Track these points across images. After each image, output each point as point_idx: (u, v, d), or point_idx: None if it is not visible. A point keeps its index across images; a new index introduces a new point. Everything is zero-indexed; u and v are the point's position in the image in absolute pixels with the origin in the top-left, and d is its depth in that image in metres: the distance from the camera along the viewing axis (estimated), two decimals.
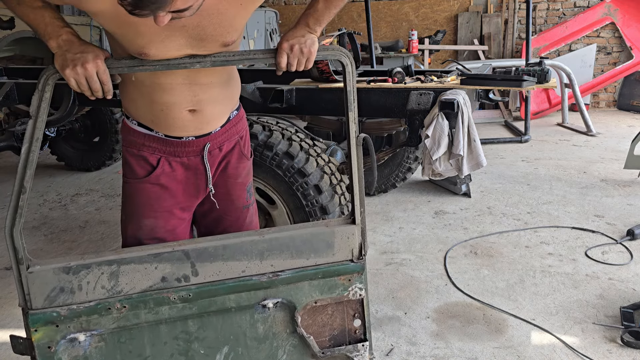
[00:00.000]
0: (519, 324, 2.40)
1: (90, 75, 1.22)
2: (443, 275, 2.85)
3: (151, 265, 1.29)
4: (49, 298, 1.26)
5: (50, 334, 1.25)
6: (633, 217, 3.52)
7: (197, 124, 1.48)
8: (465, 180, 3.95)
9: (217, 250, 1.32)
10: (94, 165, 4.99)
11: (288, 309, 1.37)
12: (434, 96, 2.68)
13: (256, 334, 1.37)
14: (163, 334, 1.32)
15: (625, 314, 2.34)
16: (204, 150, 1.51)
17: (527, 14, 5.56)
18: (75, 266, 1.26)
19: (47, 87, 1.22)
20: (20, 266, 1.25)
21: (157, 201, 1.51)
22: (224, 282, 1.33)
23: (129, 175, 1.53)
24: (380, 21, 7.71)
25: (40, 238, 3.51)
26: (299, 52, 1.33)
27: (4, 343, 2.39)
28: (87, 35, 6.20)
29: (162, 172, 1.50)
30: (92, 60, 1.22)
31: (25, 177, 1.20)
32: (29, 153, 1.19)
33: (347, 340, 1.43)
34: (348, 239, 1.39)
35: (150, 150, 1.49)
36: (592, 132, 5.88)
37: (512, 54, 7.29)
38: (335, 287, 1.38)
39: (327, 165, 2.55)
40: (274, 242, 1.35)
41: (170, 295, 1.30)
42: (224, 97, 1.52)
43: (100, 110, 4.72)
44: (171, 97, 1.40)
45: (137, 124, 1.50)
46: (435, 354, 2.21)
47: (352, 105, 1.33)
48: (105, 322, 1.28)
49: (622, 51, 7.09)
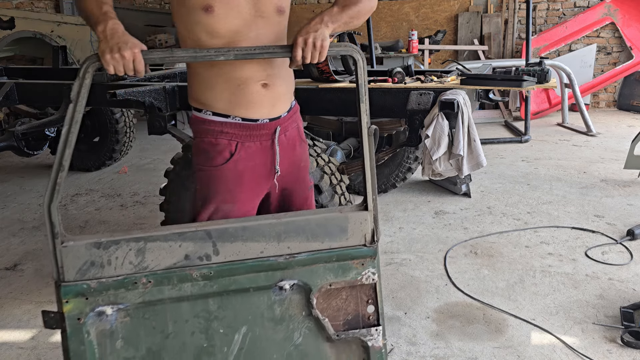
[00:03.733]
0: (519, 324, 2.40)
1: (126, 64, 1.34)
2: (443, 275, 2.85)
3: (175, 243, 1.36)
4: (80, 271, 1.33)
5: (80, 306, 1.32)
6: (633, 217, 3.52)
7: (270, 99, 1.61)
8: (465, 180, 3.95)
9: (237, 231, 1.39)
10: (94, 165, 4.98)
11: (304, 291, 1.43)
12: (434, 96, 2.68)
13: (273, 316, 1.43)
14: (185, 311, 1.38)
15: (625, 314, 2.34)
16: (275, 134, 1.64)
17: (527, 14, 5.56)
18: (106, 242, 1.33)
19: (87, 75, 1.31)
20: (56, 240, 1.32)
21: (236, 186, 1.62)
22: (243, 261, 1.39)
23: (205, 163, 1.62)
24: (380, 21, 7.71)
25: (41, 238, 3.51)
26: (312, 46, 1.41)
27: (4, 343, 2.39)
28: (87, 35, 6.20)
29: (239, 158, 1.61)
30: (130, 50, 1.33)
31: (64, 156, 1.29)
32: (69, 134, 1.29)
33: (361, 325, 1.47)
34: (361, 225, 1.44)
35: (228, 137, 1.60)
36: (592, 132, 5.88)
37: (512, 54, 7.29)
38: (349, 271, 1.44)
39: (327, 165, 2.55)
40: (291, 225, 1.42)
41: (193, 273, 1.36)
42: (286, 76, 1.67)
43: (100, 110, 4.71)
44: (245, 71, 1.55)
45: (212, 114, 1.61)
46: (435, 354, 2.21)
47: (363, 97, 1.40)
48: (131, 296, 1.34)
49: (622, 51, 7.09)
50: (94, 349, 1.34)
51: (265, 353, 1.44)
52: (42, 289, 2.85)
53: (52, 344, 2.36)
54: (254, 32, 1.55)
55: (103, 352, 1.35)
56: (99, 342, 1.34)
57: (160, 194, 2.67)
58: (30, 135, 4.42)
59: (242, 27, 1.54)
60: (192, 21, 1.52)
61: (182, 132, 2.92)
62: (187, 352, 1.40)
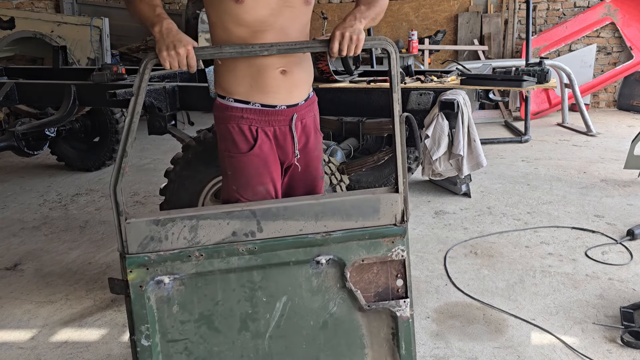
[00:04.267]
0: (519, 324, 2.40)
1: (181, 60, 1.47)
2: (443, 275, 2.85)
3: (224, 221, 1.51)
4: (142, 245, 1.48)
5: (141, 275, 1.48)
6: (633, 217, 3.52)
7: (288, 86, 1.71)
8: (465, 180, 3.95)
9: (279, 210, 1.52)
10: (94, 165, 4.98)
11: (338, 265, 1.55)
12: (434, 96, 2.68)
13: (310, 287, 1.56)
14: (232, 281, 1.54)
15: (625, 314, 2.34)
16: (292, 121, 1.75)
17: (527, 14, 5.56)
18: (163, 219, 1.49)
19: (147, 70, 1.45)
20: (120, 217, 1.46)
21: (264, 169, 1.75)
22: (284, 238, 1.53)
23: (232, 149, 1.75)
24: (380, 21, 7.70)
25: (41, 238, 3.52)
26: (349, 39, 1.52)
27: (4, 343, 2.39)
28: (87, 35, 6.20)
29: (262, 143, 1.73)
30: (183, 47, 1.46)
31: (128, 143, 1.44)
32: (131, 123, 1.44)
33: (390, 297, 1.59)
34: (392, 205, 1.55)
35: (248, 122, 1.71)
36: (592, 132, 5.88)
37: (512, 54, 7.29)
38: (380, 248, 1.56)
39: (327, 165, 2.55)
40: (328, 205, 1.54)
41: (239, 247, 1.51)
42: (305, 65, 1.77)
43: (100, 110, 4.71)
44: (266, 58, 1.64)
45: (234, 100, 1.72)
46: (435, 354, 2.21)
47: (396, 87, 1.50)
48: (185, 267, 1.50)
49: (622, 51, 7.09)
50: (153, 312, 1.51)
51: (303, 320, 1.58)
52: (42, 289, 2.85)
53: (52, 344, 2.36)
54: (279, 21, 1.64)
55: (161, 316, 1.52)
56: (157, 307, 1.51)
57: (160, 194, 2.67)
58: (30, 135, 4.42)
59: (268, 16, 1.62)
60: (222, 10, 1.63)
61: (182, 132, 2.92)
62: (234, 317, 1.56)
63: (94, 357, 2.27)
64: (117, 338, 2.39)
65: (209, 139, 2.46)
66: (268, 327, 1.57)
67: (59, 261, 3.17)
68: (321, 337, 1.60)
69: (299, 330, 1.59)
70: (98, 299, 2.70)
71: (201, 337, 1.55)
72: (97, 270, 3.03)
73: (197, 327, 1.54)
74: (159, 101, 2.85)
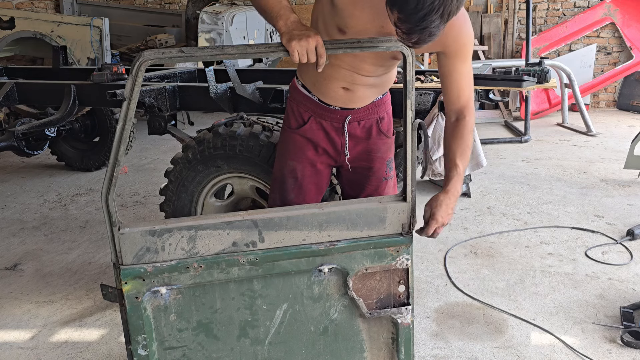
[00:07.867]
0: (519, 324, 2.40)
1: (311, 49, 1.44)
2: (443, 275, 2.85)
3: (224, 231, 1.46)
4: (137, 256, 1.43)
5: (137, 287, 1.43)
6: (633, 217, 3.52)
7: (346, 100, 1.78)
8: (465, 180, 3.95)
9: (281, 220, 1.48)
10: (94, 165, 4.98)
11: (341, 274, 1.52)
12: (434, 96, 2.67)
13: (312, 294, 1.53)
14: (232, 290, 1.50)
15: (625, 314, 2.34)
16: (345, 120, 1.81)
17: (527, 14, 5.56)
18: (160, 230, 1.43)
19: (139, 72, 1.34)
20: (114, 228, 1.41)
21: (301, 149, 1.85)
22: (286, 248, 1.49)
23: (286, 123, 1.89)
24: None
25: (41, 238, 3.51)
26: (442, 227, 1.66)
27: (4, 343, 2.39)
28: (87, 35, 6.20)
29: (309, 128, 1.83)
30: (313, 37, 1.44)
31: (120, 151, 1.37)
32: (123, 130, 1.35)
33: (392, 304, 1.57)
34: (399, 215, 1.53)
35: (305, 108, 1.83)
36: (592, 132, 5.88)
37: (512, 54, 7.29)
38: (385, 257, 1.52)
39: None
40: (332, 214, 1.49)
41: (240, 258, 1.47)
42: (375, 88, 1.80)
43: (100, 110, 4.71)
44: (334, 73, 1.72)
45: (302, 86, 1.84)
46: (435, 354, 2.21)
47: (410, 93, 1.45)
48: (183, 278, 1.46)
49: (622, 51, 7.09)
50: (150, 321, 1.47)
51: (303, 326, 1.57)
52: (42, 289, 2.85)
53: (52, 344, 2.36)
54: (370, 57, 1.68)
55: (158, 324, 1.49)
56: (154, 316, 1.48)
57: (161, 194, 2.67)
58: (30, 135, 4.42)
59: None
60: (327, 35, 1.65)
61: (182, 132, 2.92)
62: (233, 325, 1.54)
63: (94, 357, 2.27)
64: (117, 338, 2.39)
65: (209, 139, 2.46)
66: (268, 333, 1.55)
67: (59, 261, 3.17)
68: (321, 342, 1.58)
69: (298, 336, 1.57)
70: (98, 299, 2.70)
71: (199, 344, 1.53)
72: (97, 270, 3.03)
73: (195, 334, 1.52)
74: (158, 101, 2.85)
